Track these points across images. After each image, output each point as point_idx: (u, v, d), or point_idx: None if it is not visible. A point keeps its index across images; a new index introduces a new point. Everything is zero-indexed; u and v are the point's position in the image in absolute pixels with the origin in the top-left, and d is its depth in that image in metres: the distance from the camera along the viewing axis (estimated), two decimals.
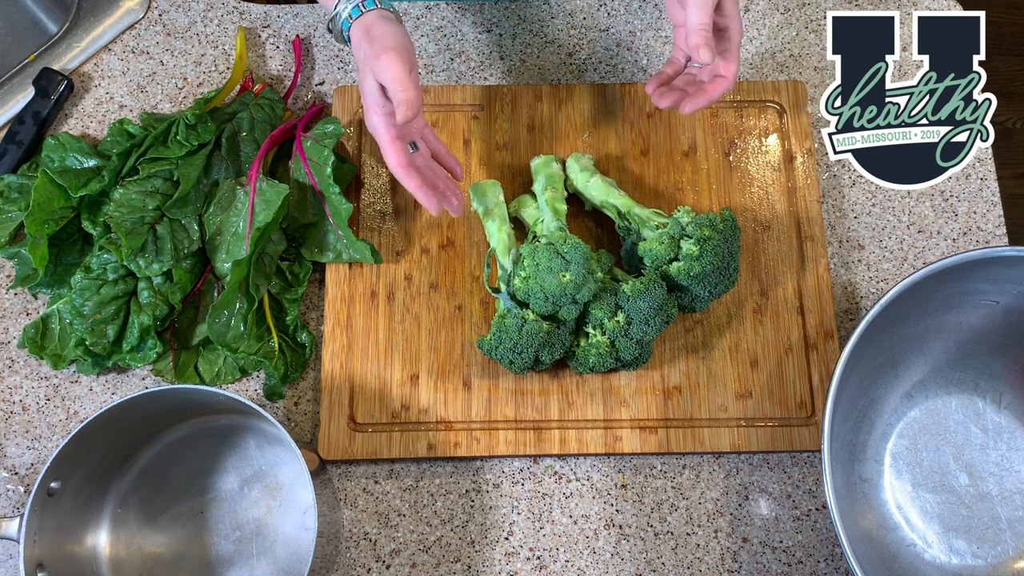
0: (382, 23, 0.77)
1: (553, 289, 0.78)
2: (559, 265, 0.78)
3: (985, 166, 0.96)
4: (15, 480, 0.86)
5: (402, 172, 0.79)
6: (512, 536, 0.84)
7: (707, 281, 0.81)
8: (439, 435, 0.84)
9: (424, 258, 0.90)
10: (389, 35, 0.76)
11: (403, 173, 0.79)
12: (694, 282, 0.81)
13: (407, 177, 0.79)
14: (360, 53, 0.78)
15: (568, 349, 0.84)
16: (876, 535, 0.83)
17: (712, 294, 0.83)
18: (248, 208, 0.85)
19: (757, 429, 0.85)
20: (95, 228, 0.86)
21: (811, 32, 1.01)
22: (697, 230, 0.80)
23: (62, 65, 0.99)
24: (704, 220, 0.81)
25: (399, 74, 0.74)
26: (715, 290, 0.82)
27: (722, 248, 0.81)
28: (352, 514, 0.84)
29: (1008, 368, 0.85)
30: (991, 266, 0.76)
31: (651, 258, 0.82)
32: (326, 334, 0.87)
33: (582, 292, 0.79)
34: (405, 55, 0.75)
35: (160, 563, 0.83)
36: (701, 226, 0.81)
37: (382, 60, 0.75)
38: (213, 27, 1.01)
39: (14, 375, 0.89)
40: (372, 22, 0.77)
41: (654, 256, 0.82)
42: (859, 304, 0.91)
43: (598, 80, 0.99)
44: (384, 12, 0.79)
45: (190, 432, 0.86)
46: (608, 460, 0.86)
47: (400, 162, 0.79)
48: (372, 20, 0.78)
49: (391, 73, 0.74)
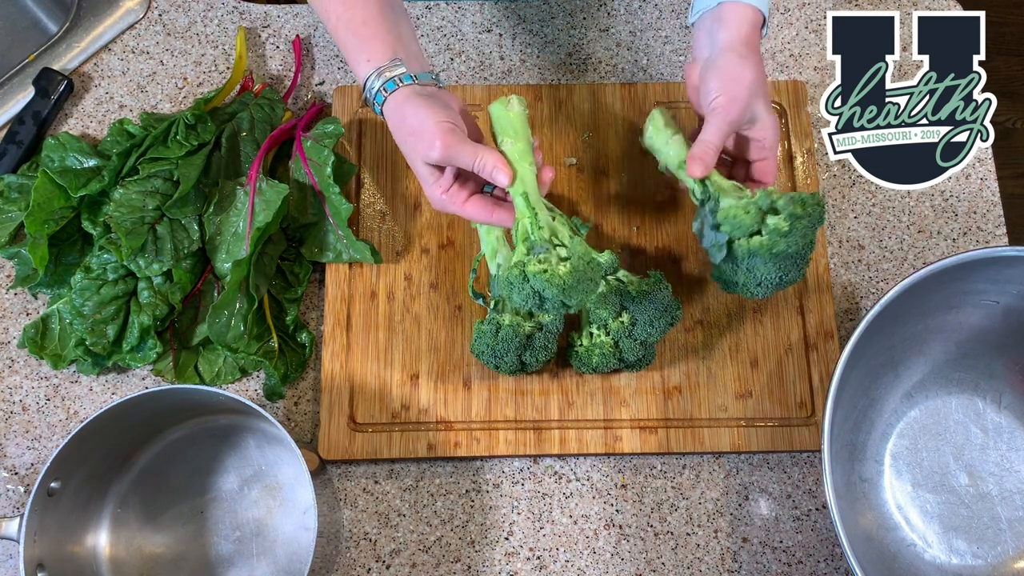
0: (414, 100, 0.72)
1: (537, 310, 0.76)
2: (535, 304, 0.74)
3: (985, 166, 0.96)
4: (15, 480, 0.86)
5: (494, 220, 0.75)
6: (512, 536, 0.84)
7: (784, 264, 0.76)
8: (439, 435, 0.84)
9: (424, 258, 0.90)
10: (422, 112, 0.71)
11: (495, 220, 0.75)
12: (771, 261, 0.76)
13: (498, 219, 0.75)
14: (399, 136, 0.74)
15: (569, 349, 0.84)
16: (876, 535, 0.83)
17: (782, 281, 0.77)
18: (248, 208, 0.85)
19: (757, 429, 0.85)
20: (95, 228, 0.86)
21: (811, 32, 1.01)
22: (790, 205, 0.74)
23: (62, 65, 0.99)
24: (797, 198, 0.75)
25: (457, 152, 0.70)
26: (787, 276, 0.77)
27: (809, 232, 0.76)
28: (352, 514, 0.84)
29: (1008, 368, 0.85)
30: (991, 266, 0.76)
31: (732, 226, 0.76)
32: (326, 334, 0.87)
33: (573, 306, 0.75)
34: (446, 130, 0.71)
35: (160, 563, 0.83)
36: (794, 203, 0.74)
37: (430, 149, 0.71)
38: (213, 27, 1.01)
39: (14, 375, 0.89)
40: (404, 100, 0.73)
41: (736, 224, 0.75)
42: (859, 304, 0.91)
43: (598, 80, 0.99)
44: (418, 87, 0.73)
45: (190, 432, 0.86)
46: (608, 460, 0.86)
47: (485, 218, 0.75)
48: (404, 97, 0.73)
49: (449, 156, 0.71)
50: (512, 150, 0.74)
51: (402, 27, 0.76)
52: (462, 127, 0.72)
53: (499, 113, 0.76)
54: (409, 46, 0.76)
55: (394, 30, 0.75)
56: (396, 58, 0.74)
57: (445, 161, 0.72)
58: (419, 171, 0.75)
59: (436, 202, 0.76)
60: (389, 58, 0.74)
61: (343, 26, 0.75)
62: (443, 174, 0.74)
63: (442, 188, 0.74)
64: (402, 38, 0.75)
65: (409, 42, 0.76)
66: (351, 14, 0.75)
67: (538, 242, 0.73)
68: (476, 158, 0.71)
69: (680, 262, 0.90)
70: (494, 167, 0.71)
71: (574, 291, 0.72)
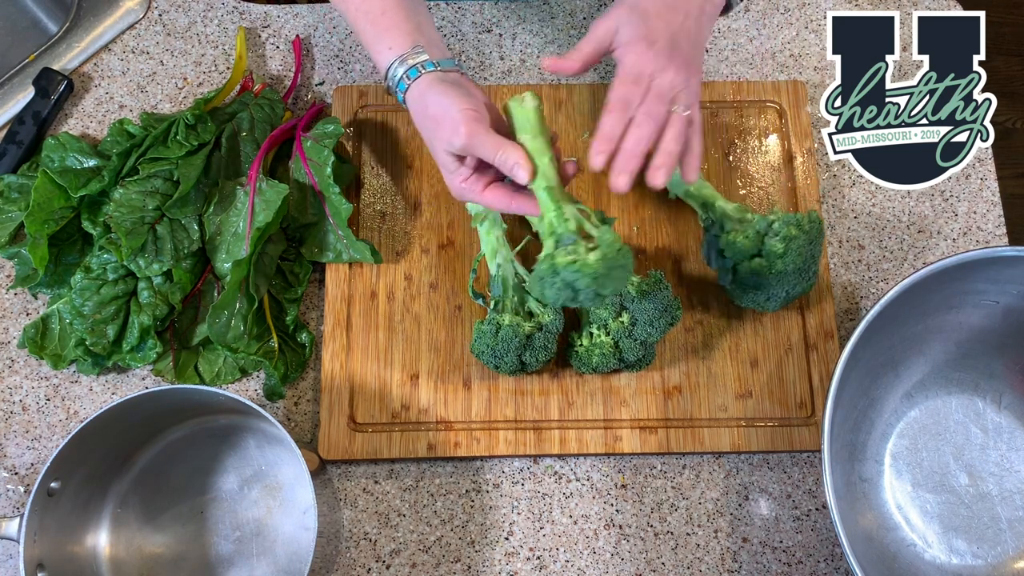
0: (438, 87, 0.72)
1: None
2: (568, 297, 0.73)
3: (985, 166, 0.96)
4: (15, 480, 0.86)
5: (513, 207, 0.74)
6: (512, 536, 0.84)
7: (787, 280, 0.81)
8: (439, 435, 0.84)
9: (424, 258, 0.90)
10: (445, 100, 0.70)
11: (514, 207, 0.74)
12: (773, 280, 0.81)
13: (518, 207, 0.74)
14: (421, 123, 0.73)
15: (569, 349, 0.84)
16: (876, 535, 0.83)
17: (789, 295, 0.82)
18: (248, 208, 0.85)
19: (757, 429, 0.85)
20: (95, 228, 0.86)
21: (811, 32, 1.01)
22: (784, 228, 0.80)
23: (62, 65, 0.99)
24: (792, 219, 0.81)
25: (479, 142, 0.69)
26: (792, 291, 0.82)
27: (805, 249, 0.80)
28: (352, 514, 0.84)
29: (1008, 368, 0.85)
30: (991, 266, 0.76)
31: (732, 251, 0.82)
32: (326, 334, 0.87)
33: (608, 295, 0.74)
34: (470, 119, 0.69)
35: (160, 563, 0.83)
36: (788, 225, 0.80)
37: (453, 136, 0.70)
38: (213, 27, 1.01)
39: (14, 375, 0.89)
40: (427, 87, 0.72)
41: (736, 249, 0.81)
42: (859, 304, 0.91)
43: (598, 80, 0.99)
44: (440, 74, 0.73)
45: (190, 432, 0.86)
46: (608, 460, 0.86)
47: (505, 205, 0.73)
48: (427, 84, 0.72)
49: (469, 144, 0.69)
50: (532, 146, 0.73)
51: (421, 15, 0.76)
52: (485, 116, 0.71)
53: (514, 111, 0.76)
54: (429, 34, 0.75)
55: (413, 18, 0.75)
56: (417, 45, 0.73)
57: (467, 149, 0.71)
58: (440, 159, 0.74)
59: (456, 190, 0.75)
60: (410, 46, 0.73)
61: (362, 16, 0.75)
62: (464, 163, 0.73)
63: (462, 177, 0.73)
64: (422, 26, 0.75)
65: (429, 30, 0.76)
66: (369, 4, 0.75)
67: (565, 234, 0.72)
68: (498, 151, 0.70)
69: (680, 262, 0.90)
70: (515, 163, 0.69)
71: (607, 279, 0.71)
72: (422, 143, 0.94)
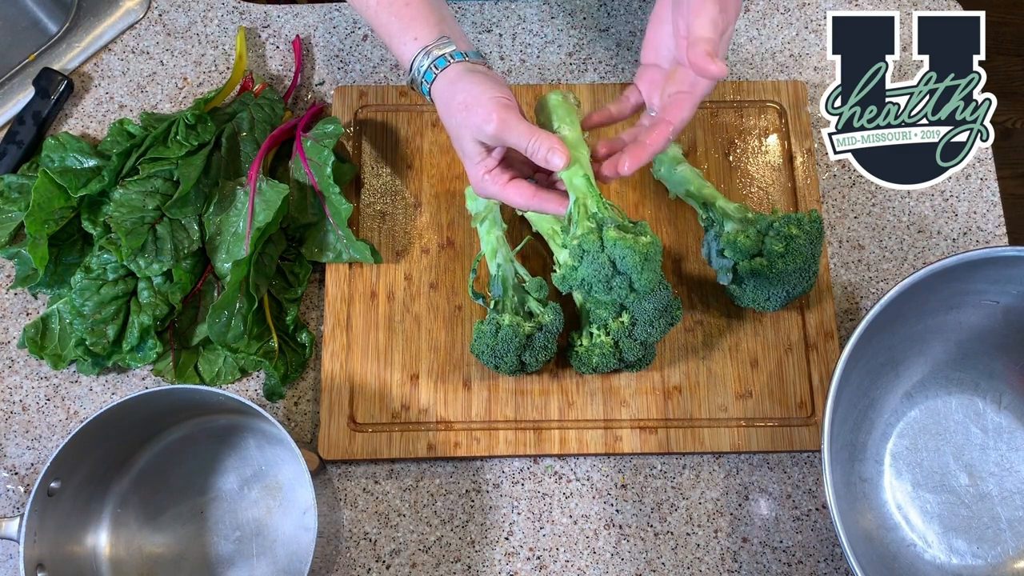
0: (468, 76, 0.70)
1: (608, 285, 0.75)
2: (604, 275, 0.73)
3: (985, 166, 0.96)
4: (15, 480, 0.86)
5: (535, 204, 0.72)
6: (512, 536, 0.84)
7: (786, 280, 0.81)
8: (439, 435, 0.84)
9: (424, 258, 0.90)
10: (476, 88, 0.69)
11: (535, 204, 0.72)
12: (773, 279, 0.81)
13: (540, 204, 0.72)
14: (448, 112, 0.71)
15: (569, 349, 0.84)
16: (876, 535, 0.83)
17: (789, 294, 0.83)
18: (248, 208, 0.85)
19: (757, 429, 0.85)
20: (95, 228, 0.86)
21: (811, 32, 1.01)
22: (784, 228, 0.81)
23: (62, 65, 0.99)
24: (792, 219, 0.81)
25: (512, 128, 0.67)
26: (793, 290, 0.83)
27: (806, 249, 0.81)
28: (352, 514, 0.84)
29: (1008, 368, 0.85)
30: (991, 266, 0.76)
31: (733, 250, 0.82)
32: (326, 334, 0.87)
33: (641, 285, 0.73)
34: (502, 105, 0.68)
35: (160, 563, 0.83)
36: (788, 224, 0.81)
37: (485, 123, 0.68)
38: (213, 27, 1.01)
39: (14, 375, 0.89)
40: (457, 76, 0.71)
41: (737, 248, 0.82)
42: (859, 304, 0.91)
43: (598, 80, 0.99)
44: (470, 64, 0.72)
45: (190, 432, 0.86)
46: (608, 460, 0.86)
47: (525, 201, 0.72)
48: (457, 73, 0.71)
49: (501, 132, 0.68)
50: (570, 136, 0.73)
51: (443, 8, 0.76)
52: (516, 105, 0.70)
53: (557, 102, 0.75)
54: (453, 26, 0.75)
55: (437, 11, 0.75)
56: (443, 36, 0.73)
57: (498, 137, 0.69)
58: (466, 148, 0.73)
59: (477, 182, 0.73)
60: (436, 36, 0.73)
61: (384, 9, 0.75)
62: (490, 154, 0.72)
63: (486, 168, 0.72)
64: (445, 19, 0.75)
65: (452, 23, 0.75)
66: None
67: (608, 218, 0.71)
68: (531, 138, 0.68)
69: (680, 262, 0.90)
70: (550, 148, 0.67)
71: (650, 265, 0.71)
72: (422, 143, 0.94)
